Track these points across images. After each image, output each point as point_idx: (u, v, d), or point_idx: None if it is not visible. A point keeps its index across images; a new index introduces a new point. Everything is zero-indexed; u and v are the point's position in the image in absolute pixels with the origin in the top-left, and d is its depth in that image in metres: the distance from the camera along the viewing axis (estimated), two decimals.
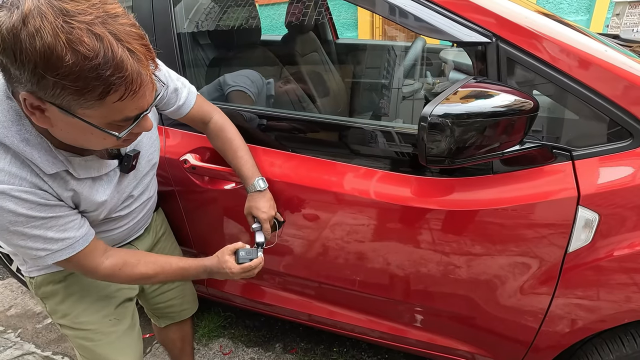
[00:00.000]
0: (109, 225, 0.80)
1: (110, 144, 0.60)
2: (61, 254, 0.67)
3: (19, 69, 0.47)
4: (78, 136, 0.57)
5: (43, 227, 0.63)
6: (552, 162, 0.78)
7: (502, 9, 0.79)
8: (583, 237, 0.77)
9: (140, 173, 0.79)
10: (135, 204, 0.82)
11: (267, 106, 1.43)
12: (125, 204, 0.79)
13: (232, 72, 1.33)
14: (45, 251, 0.65)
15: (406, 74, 1.53)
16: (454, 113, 0.66)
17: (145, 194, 0.85)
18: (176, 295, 1.08)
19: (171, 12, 1.05)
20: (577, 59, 0.74)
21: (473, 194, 0.83)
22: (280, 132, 1.02)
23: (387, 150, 0.91)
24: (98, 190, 0.70)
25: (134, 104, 0.53)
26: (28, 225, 0.61)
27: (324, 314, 1.16)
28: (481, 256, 0.86)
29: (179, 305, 1.10)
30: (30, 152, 0.58)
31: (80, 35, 0.45)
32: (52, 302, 0.83)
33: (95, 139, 0.57)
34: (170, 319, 1.12)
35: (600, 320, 0.83)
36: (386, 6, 0.82)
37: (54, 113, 0.52)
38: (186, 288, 1.11)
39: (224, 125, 0.93)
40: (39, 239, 0.63)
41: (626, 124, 0.73)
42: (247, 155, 0.92)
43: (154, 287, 1.02)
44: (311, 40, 1.85)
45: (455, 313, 0.99)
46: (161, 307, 1.07)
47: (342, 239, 0.98)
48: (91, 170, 0.67)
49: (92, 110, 0.51)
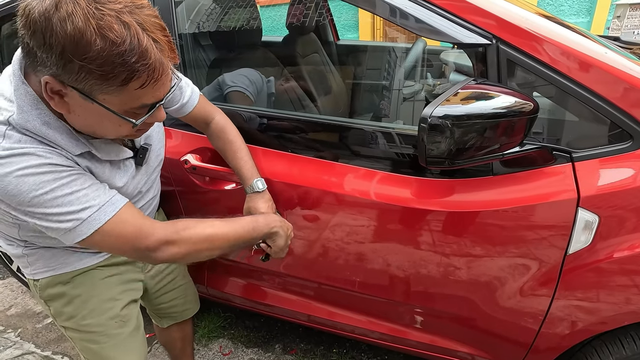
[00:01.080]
0: None
1: (125, 131, 0.60)
2: (105, 211, 0.60)
3: (47, 52, 0.48)
4: (94, 123, 0.58)
5: (76, 182, 0.58)
6: (552, 164, 0.78)
7: (502, 11, 0.79)
8: (583, 238, 0.77)
9: (150, 168, 0.80)
10: (142, 201, 0.82)
11: (268, 104, 1.43)
12: (134, 199, 0.78)
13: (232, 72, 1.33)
14: (87, 210, 0.59)
15: (407, 75, 1.54)
16: (454, 114, 0.66)
17: (151, 192, 0.85)
18: (179, 295, 1.07)
19: (172, 13, 1.06)
20: (577, 61, 0.74)
21: (473, 195, 0.83)
22: (280, 132, 1.02)
23: (388, 151, 0.91)
24: (116, 175, 0.70)
25: (153, 92, 0.55)
26: (60, 179, 0.57)
27: (324, 314, 1.16)
28: (481, 257, 0.86)
29: (182, 305, 1.10)
30: (53, 135, 0.58)
31: (110, 22, 0.47)
32: (58, 305, 0.81)
33: (112, 126, 0.58)
34: (172, 319, 1.12)
35: (601, 322, 0.83)
36: (387, 8, 0.82)
37: (74, 98, 0.53)
38: (188, 288, 1.11)
39: (225, 127, 0.94)
40: (74, 196, 0.58)
41: (626, 125, 0.73)
42: (247, 156, 0.93)
43: (158, 287, 1.01)
44: (312, 41, 1.86)
45: (456, 314, 0.99)
46: (164, 307, 1.07)
47: (342, 239, 0.98)
48: (111, 153, 0.67)
49: (113, 97, 0.53)
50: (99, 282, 0.82)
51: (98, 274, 0.82)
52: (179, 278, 1.06)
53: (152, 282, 0.98)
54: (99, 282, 0.82)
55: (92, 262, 0.81)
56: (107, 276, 0.83)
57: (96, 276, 0.82)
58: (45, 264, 0.77)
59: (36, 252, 0.75)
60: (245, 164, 0.92)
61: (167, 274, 1.01)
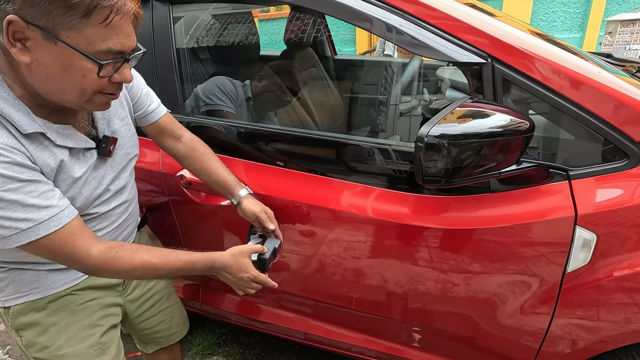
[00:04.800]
0: (88, 226, 0.72)
1: (90, 85, 0.57)
2: (46, 226, 0.58)
3: None
4: (57, 74, 0.55)
5: (22, 191, 0.56)
6: (549, 182, 0.78)
7: (495, 30, 0.80)
8: (581, 257, 0.77)
9: (118, 164, 0.76)
10: (114, 201, 0.77)
11: (247, 108, 1.42)
12: (102, 197, 0.74)
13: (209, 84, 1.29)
14: (27, 222, 0.57)
15: (403, 90, 1.55)
16: (450, 134, 0.66)
17: (124, 194, 0.80)
18: (164, 319, 1.00)
19: (171, 28, 1.07)
20: (568, 79, 0.75)
21: (470, 212, 0.82)
22: (275, 148, 1.02)
23: (384, 167, 0.91)
24: (75, 165, 0.66)
25: (119, 37, 0.55)
26: (4, 187, 0.55)
27: (320, 332, 1.14)
28: (479, 275, 0.86)
29: (167, 329, 1.02)
30: (7, 109, 0.56)
31: None
32: (31, 334, 0.75)
33: (76, 78, 0.55)
34: (157, 344, 1.03)
35: (602, 341, 0.82)
36: (383, 26, 0.83)
37: (37, 42, 0.51)
38: (175, 310, 1.03)
39: (199, 142, 0.93)
40: (17, 205, 0.56)
41: (620, 143, 0.73)
42: (226, 168, 0.92)
43: (139, 312, 0.94)
44: (309, 56, 1.88)
45: (454, 333, 0.97)
46: (148, 332, 0.99)
47: (339, 256, 0.97)
48: (68, 140, 0.64)
49: (77, 33, 0.52)
50: (77, 308, 0.77)
51: (76, 299, 0.77)
52: (163, 300, 0.99)
53: (132, 306, 0.92)
54: (77, 308, 0.78)
55: (67, 285, 0.76)
56: (85, 301, 0.79)
57: (74, 302, 0.77)
58: (17, 289, 0.72)
59: (6, 277, 0.71)
60: (229, 174, 0.92)
61: (148, 297, 0.95)
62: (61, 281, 0.75)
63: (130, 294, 0.91)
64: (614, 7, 4.52)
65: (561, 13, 4.64)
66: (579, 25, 4.67)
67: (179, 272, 0.74)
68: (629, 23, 3.70)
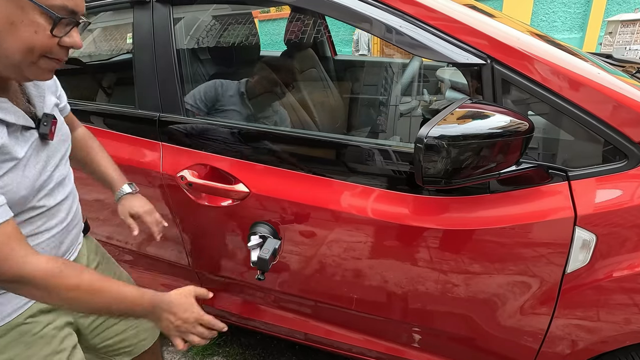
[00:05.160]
0: (35, 224, 0.66)
1: (40, 42, 0.52)
2: None
3: None
4: (5, 25, 0.50)
5: None
6: (549, 182, 0.78)
7: (495, 31, 0.80)
8: (581, 257, 0.77)
9: (57, 150, 0.70)
10: (59, 193, 0.70)
11: (242, 104, 1.42)
12: (47, 186, 0.66)
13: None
14: None
15: (403, 91, 1.55)
16: (450, 135, 0.66)
17: (68, 186, 0.73)
18: (128, 326, 0.88)
19: (171, 29, 1.07)
20: (567, 80, 0.75)
21: (470, 213, 0.82)
22: (277, 149, 1.02)
23: (384, 168, 0.91)
24: (15, 144, 0.59)
25: None
26: None
27: (321, 333, 1.14)
28: (479, 276, 0.86)
29: (134, 336, 0.90)
30: None
31: None
32: None
33: (25, 36, 0.50)
34: (127, 354, 0.91)
35: (602, 341, 0.82)
36: (383, 27, 0.83)
37: None
38: None
39: (91, 136, 0.92)
40: None
41: (620, 144, 0.73)
42: (113, 164, 0.90)
43: (96, 324, 0.83)
44: (309, 56, 1.88)
45: (454, 333, 0.97)
46: (110, 344, 0.86)
47: (339, 257, 0.97)
48: (8, 114, 0.57)
49: None
50: (32, 339, 0.68)
51: (30, 329, 0.68)
52: None
53: (85, 320, 0.81)
54: (34, 338, 0.68)
55: (18, 312, 0.66)
56: (41, 328, 0.69)
57: (28, 332, 0.67)
58: None
59: None
60: (115, 169, 0.89)
61: None
62: (9, 309, 0.65)
63: None
64: (614, 8, 4.52)
65: (561, 13, 4.65)
66: (579, 25, 4.68)
67: (122, 302, 0.65)
68: (629, 23, 3.70)
